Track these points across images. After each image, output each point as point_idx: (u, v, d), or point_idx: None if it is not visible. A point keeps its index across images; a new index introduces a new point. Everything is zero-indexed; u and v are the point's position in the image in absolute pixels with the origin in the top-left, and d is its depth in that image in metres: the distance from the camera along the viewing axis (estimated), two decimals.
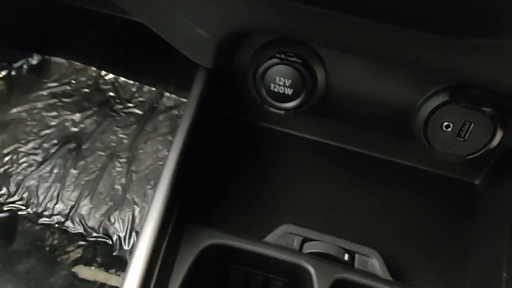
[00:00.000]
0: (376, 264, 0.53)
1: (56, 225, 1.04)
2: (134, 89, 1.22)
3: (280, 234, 0.54)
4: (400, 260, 0.56)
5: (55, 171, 1.10)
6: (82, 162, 1.11)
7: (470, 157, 0.52)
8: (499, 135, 0.50)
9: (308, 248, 0.53)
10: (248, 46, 0.55)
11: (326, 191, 0.60)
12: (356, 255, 0.53)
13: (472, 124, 0.50)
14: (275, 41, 0.52)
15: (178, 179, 0.49)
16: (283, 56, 0.52)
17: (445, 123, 0.51)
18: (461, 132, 0.51)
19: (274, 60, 0.52)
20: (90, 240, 1.04)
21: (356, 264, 0.53)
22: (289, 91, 0.53)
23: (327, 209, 0.59)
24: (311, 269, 0.50)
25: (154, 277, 0.45)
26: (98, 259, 1.02)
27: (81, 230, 1.04)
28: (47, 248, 1.02)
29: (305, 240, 0.54)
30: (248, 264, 0.53)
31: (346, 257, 0.53)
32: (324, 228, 0.57)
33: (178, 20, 0.49)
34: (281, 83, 0.53)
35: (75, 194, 1.07)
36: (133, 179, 1.10)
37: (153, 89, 1.21)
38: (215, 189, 0.59)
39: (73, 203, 1.07)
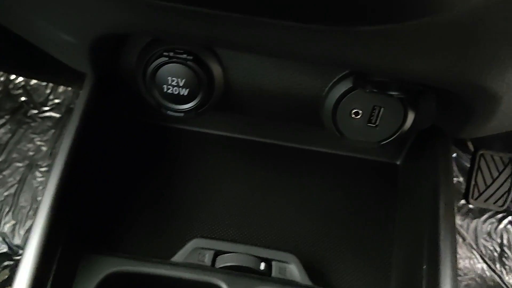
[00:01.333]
0: (294, 270, 0.49)
1: None
2: (48, 91, 1.14)
3: (190, 250, 0.49)
4: (321, 261, 0.52)
5: None
6: None
7: (384, 142, 0.49)
8: (410, 117, 0.47)
9: (221, 262, 0.49)
10: (132, 46, 0.49)
11: (240, 193, 0.55)
12: (273, 262, 0.49)
13: (382, 109, 0.47)
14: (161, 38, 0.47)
15: (62, 201, 0.43)
16: (171, 54, 0.46)
17: (354, 110, 0.48)
18: (371, 118, 0.48)
19: (162, 59, 0.47)
20: (17, 259, 0.97)
21: (273, 273, 0.49)
22: (184, 92, 0.48)
23: (242, 214, 0.54)
24: (223, 286, 0.46)
25: None
26: None
27: (5, 250, 0.98)
28: None
29: (217, 253, 0.49)
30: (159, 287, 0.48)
31: (263, 266, 0.48)
32: (239, 237, 0.53)
33: (40, 26, 0.43)
34: (174, 83, 0.48)
35: None
36: None
37: (69, 89, 1.13)
38: (116, 206, 0.53)
39: None
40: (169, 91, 0.48)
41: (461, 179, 1.11)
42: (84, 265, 0.46)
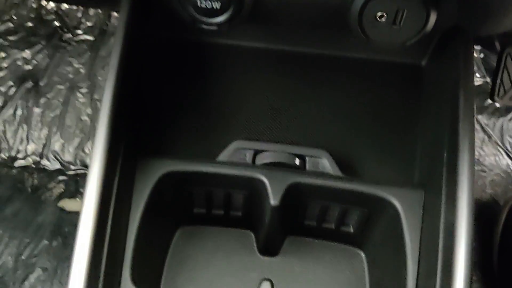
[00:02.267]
0: (326, 164, 0.54)
1: (33, 166, 1.05)
2: (79, 15, 1.16)
3: (232, 150, 0.55)
4: (350, 155, 0.58)
5: (18, 112, 1.09)
6: (43, 100, 1.10)
7: (408, 43, 0.52)
8: (433, 18, 0.50)
9: (260, 159, 0.54)
10: None
11: (273, 99, 0.60)
12: (307, 158, 0.55)
13: (405, 11, 0.49)
14: None
15: (118, 112, 0.49)
16: None
17: (379, 14, 0.50)
18: (396, 20, 0.50)
19: None
20: (69, 174, 1.05)
21: (307, 167, 0.54)
22: (217, 5, 0.51)
23: (276, 118, 0.59)
24: (264, 179, 0.52)
25: (111, 213, 0.46)
26: (81, 190, 1.04)
27: (58, 166, 1.06)
28: (29, 189, 1.04)
29: (256, 152, 0.55)
30: (206, 184, 0.55)
31: (298, 161, 0.54)
32: (275, 137, 0.58)
33: None
34: None
35: (44, 132, 1.07)
36: (98, 107, 1.09)
37: (99, 11, 1.16)
38: (162, 117, 0.59)
39: (44, 141, 1.07)
40: (202, 5, 0.51)
41: (488, 79, 1.12)
42: (141, 169, 0.52)
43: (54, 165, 1.05)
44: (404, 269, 0.49)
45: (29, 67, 1.12)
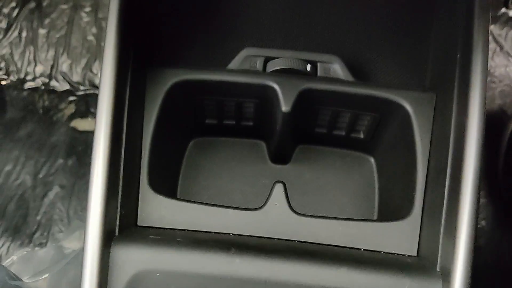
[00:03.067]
0: (338, 69, 0.54)
1: (43, 87, 1.06)
2: None
3: (242, 58, 0.54)
4: (363, 60, 0.57)
5: (24, 34, 1.08)
6: (47, 20, 1.08)
7: None
8: None
9: (271, 66, 0.54)
10: None
11: (283, 4, 0.58)
12: (318, 64, 0.54)
13: None
14: None
15: (125, 22, 0.48)
16: None
17: None
18: None
19: None
20: (79, 94, 1.06)
21: (319, 73, 0.54)
22: None
23: (286, 24, 0.58)
24: (275, 86, 0.52)
25: (124, 123, 0.47)
26: (92, 109, 1.05)
27: (68, 87, 1.06)
28: (41, 110, 1.05)
29: (267, 59, 0.54)
30: (217, 93, 0.55)
31: (309, 67, 0.54)
32: (285, 44, 0.57)
33: None
34: None
35: (51, 53, 1.07)
36: (102, 26, 1.08)
37: None
38: (170, 25, 0.57)
39: (52, 62, 1.07)
40: None
41: None
42: (152, 79, 0.52)
43: (64, 86, 1.06)
44: (413, 171, 0.50)
45: None
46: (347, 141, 0.61)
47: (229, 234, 0.46)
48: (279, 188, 0.49)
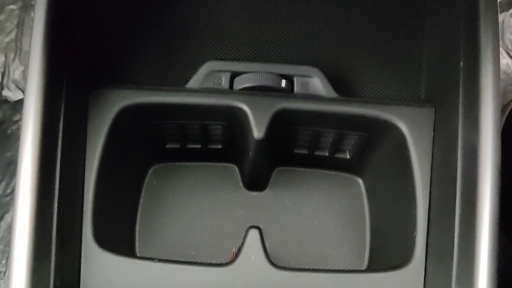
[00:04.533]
0: (318, 83, 0.45)
1: None
2: None
3: (205, 74, 0.45)
4: (346, 71, 0.49)
5: None
6: None
7: None
8: None
9: (239, 83, 0.45)
10: None
11: (251, 8, 0.49)
12: (295, 78, 0.46)
13: None
14: None
15: (56, 34, 0.39)
16: None
17: None
18: None
19: None
20: None
21: (296, 89, 0.46)
22: None
23: (256, 30, 0.49)
24: (245, 108, 0.43)
25: (58, 158, 0.38)
26: None
27: (22, 96, 0.98)
28: None
29: (233, 75, 0.46)
30: (177, 117, 0.46)
31: (284, 83, 0.45)
32: (256, 55, 0.48)
33: None
34: None
35: (1, 59, 0.98)
36: None
37: None
38: (119, 37, 0.48)
39: (2, 69, 0.99)
40: None
41: None
42: (95, 102, 0.43)
43: (17, 95, 0.97)
44: (412, 203, 0.42)
45: None
46: (331, 162, 0.53)
47: None
48: (254, 235, 0.40)
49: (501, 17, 1.03)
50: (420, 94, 0.48)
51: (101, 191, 0.42)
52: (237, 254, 0.40)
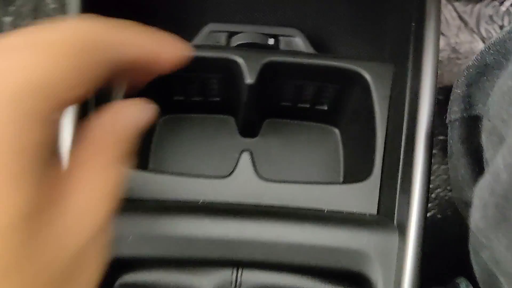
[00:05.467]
0: (300, 42, 0.56)
1: None
2: None
3: (206, 34, 0.56)
4: (324, 33, 0.59)
5: None
6: (12, 8, 1.07)
7: None
8: None
9: (235, 41, 0.56)
10: None
11: None
12: (280, 37, 0.56)
13: None
14: None
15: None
16: None
17: None
18: None
19: None
20: None
21: (281, 46, 0.56)
22: None
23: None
24: (239, 60, 0.53)
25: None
26: None
27: None
28: None
29: (231, 34, 0.56)
30: (181, 70, 0.56)
31: (271, 41, 0.55)
32: (248, 19, 0.59)
33: None
34: None
35: None
36: (70, 12, 1.07)
37: None
38: (129, 5, 0.58)
39: None
40: None
41: None
42: None
43: None
44: (373, 137, 0.52)
45: None
46: (313, 114, 0.63)
47: (199, 200, 0.47)
48: (245, 156, 0.51)
49: (476, 7, 1.13)
50: (384, 54, 0.59)
51: None
52: (233, 170, 0.50)
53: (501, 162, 0.32)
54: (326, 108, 0.61)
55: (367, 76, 0.54)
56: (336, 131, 0.64)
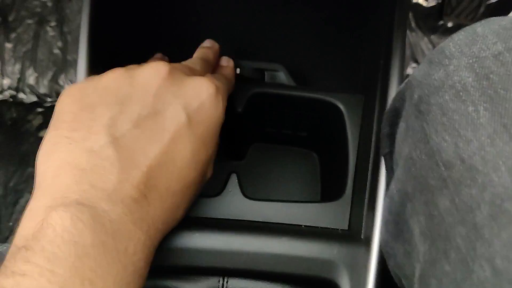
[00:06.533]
0: (282, 76, 0.63)
1: (11, 100, 1.10)
2: None
3: None
4: (304, 68, 0.66)
5: None
6: (13, 35, 1.13)
7: None
8: None
9: None
10: None
11: (232, 17, 0.66)
12: (266, 72, 0.63)
13: None
14: None
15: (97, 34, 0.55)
16: None
17: None
18: None
19: None
20: (46, 106, 1.11)
21: (266, 79, 0.63)
22: None
23: (234, 34, 0.66)
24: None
25: None
26: None
27: (35, 99, 1.11)
28: (9, 122, 1.09)
29: None
30: None
31: (258, 74, 0.62)
32: (234, 53, 0.65)
33: None
34: None
35: (18, 66, 1.11)
36: (68, 40, 1.13)
37: None
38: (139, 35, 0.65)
39: (18, 75, 1.11)
40: None
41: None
42: None
43: (31, 98, 1.10)
44: (347, 161, 0.58)
45: None
46: (294, 139, 0.69)
47: (190, 216, 0.53)
48: (233, 177, 0.57)
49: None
50: (357, 86, 0.65)
51: None
52: (221, 190, 0.56)
53: (394, 187, 0.40)
54: (305, 134, 0.68)
55: (341, 106, 0.60)
56: (315, 155, 0.70)
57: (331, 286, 0.48)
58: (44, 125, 1.09)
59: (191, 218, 0.53)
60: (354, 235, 0.51)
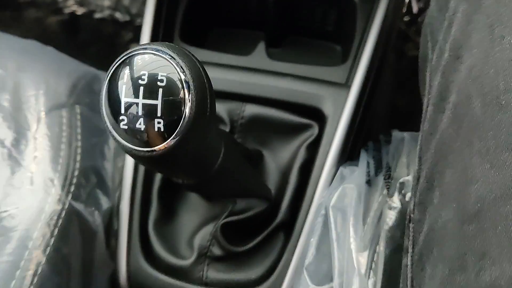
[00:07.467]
0: None
1: (109, 18, 1.29)
2: None
3: None
4: None
5: None
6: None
7: None
8: None
9: None
10: None
11: None
12: None
13: None
14: None
15: None
16: None
17: None
18: None
19: None
20: (136, 25, 1.30)
21: None
22: None
23: None
24: None
25: None
26: None
27: (128, 18, 1.29)
28: (106, 35, 1.29)
29: None
30: None
31: None
32: None
33: None
34: None
35: None
36: None
37: None
38: None
39: None
40: None
41: None
42: None
43: (125, 17, 1.28)
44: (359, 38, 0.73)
45: None
46: (321, 32, 0.85)
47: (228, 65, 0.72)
48: (261, 44, 0.75)
49: None
50: None
51: None
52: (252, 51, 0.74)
53: None
54: (331, 28, 0.83)
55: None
56: (338, 48, 0.85)
57: (320, 114, 0.65)
58: (133, 40, 1.29)
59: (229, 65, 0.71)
60: (343, 84, 0.68)
